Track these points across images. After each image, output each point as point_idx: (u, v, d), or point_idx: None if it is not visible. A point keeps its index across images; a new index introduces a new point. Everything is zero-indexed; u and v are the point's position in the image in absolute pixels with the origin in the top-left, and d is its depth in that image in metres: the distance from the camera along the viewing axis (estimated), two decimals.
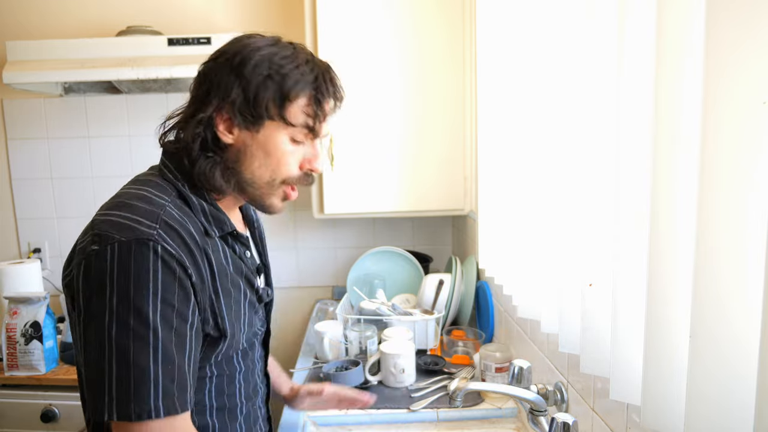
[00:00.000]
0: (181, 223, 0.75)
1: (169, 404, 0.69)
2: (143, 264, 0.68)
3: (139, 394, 0.67)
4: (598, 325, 0.81)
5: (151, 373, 0.68)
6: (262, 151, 0.81)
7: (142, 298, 0.68)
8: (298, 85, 0.79)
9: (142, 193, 0.76)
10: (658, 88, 0.61)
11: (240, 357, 0.90)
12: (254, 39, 0.81)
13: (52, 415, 1.67)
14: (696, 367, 0.56)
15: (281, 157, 0.82)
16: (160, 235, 0.70)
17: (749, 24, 0.47)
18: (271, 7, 2.12)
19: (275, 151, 0.81)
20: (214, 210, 0.82)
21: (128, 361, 0.67)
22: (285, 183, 0.84)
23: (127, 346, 0.67)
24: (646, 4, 0.65)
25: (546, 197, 1.01)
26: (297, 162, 0.84)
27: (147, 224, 0.71)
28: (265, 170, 0.82)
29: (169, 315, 0.70)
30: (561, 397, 1.03)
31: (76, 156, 2.18)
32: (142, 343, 0.68)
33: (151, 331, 0.68)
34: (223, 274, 0.80)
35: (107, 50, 1.82)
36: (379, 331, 1.53)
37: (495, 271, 1.44)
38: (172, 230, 0.73)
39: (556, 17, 0.94)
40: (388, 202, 1.86)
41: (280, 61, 0.78)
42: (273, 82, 0.78)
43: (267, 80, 0.78)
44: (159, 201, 0.76)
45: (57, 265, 2.24)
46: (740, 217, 0.50)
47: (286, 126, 0.80)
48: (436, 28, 1.78)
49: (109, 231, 0.70)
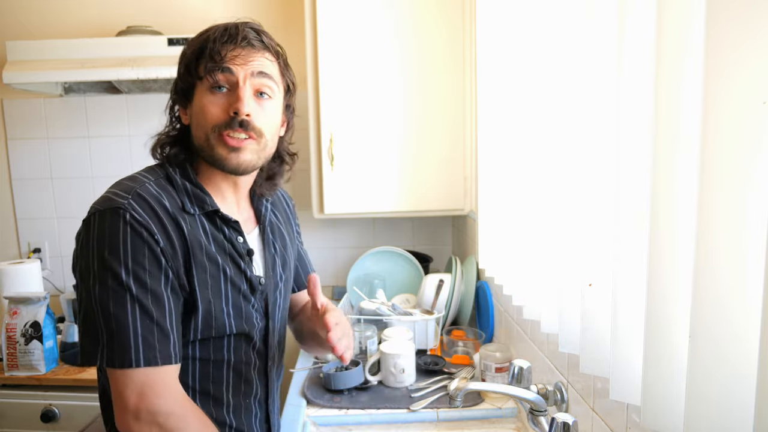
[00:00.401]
0: (154, 197, 0.83)
1: (149, 356, 0.77)
2: (114, 230, 0.78)
3: (121, 344, 0.76)
4: (598, 325, 0.81)
5: (130, 326, 0.76)
6: (195, 113, 0.90)
7: (115, 259, 0.77)
8: (197, 44, 0.89)
9: (134, 175, 0.88)
10: (658, 88, 0.61)
11: (231, 347, 0.90)
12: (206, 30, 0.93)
13: (52, 415, 1.67)
14: (696, 367, 0.56)
15: (204, 108, 0.88)
16: (130, 204, 0.80)
17: (749, 24, 0.47)
18: (271, 7, 2.12)
19: (200, 107, 0.88)
20: (197, 190, 0.90)
21: (109, 315, 0.77)
22: (217, 130, 0.87)
23: (107, 303, 0.77)
24: (646, 4, 0.65)
25: (546, 197, 1.01)
26: (222, 109, 0.87)
27: (122, 195, 0.81)
28: (199, 128, 0.89)
29: (142, 275, 0.78)
30: (561, 397, 1.03)
31: (76, 156, 2.19)
32: (119, 300, 0.77)
33: (125, 290, 0.77)
34: (197, 247, 0.86)
35: (107, 50, 1.82)
36: (379, 331, 1.53)
37: (495, 271, 1.44)
38: (143, 201, 0.81)
39: (556, 17, 0.94)
40: (388, 202, 1.86)
41: (196, 37, 0.90)
42: (185, 56, 0.90)
43: (183, 57, 0.90)
44: (141, 179, 0.86)
45: (57, 265, 2.24)
46: (740, 217, 0.50)
47: (201, 81, 0.88)
48: (436, 28, 1.78)
49: (95, 204, 0.82)
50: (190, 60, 0.88)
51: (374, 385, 1.40)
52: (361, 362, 1.40)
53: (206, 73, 0.87)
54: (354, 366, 1.39)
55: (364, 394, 1.36)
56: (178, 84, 0.92)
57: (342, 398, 1.33)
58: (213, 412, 0.89)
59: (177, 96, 0.93)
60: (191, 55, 0.89)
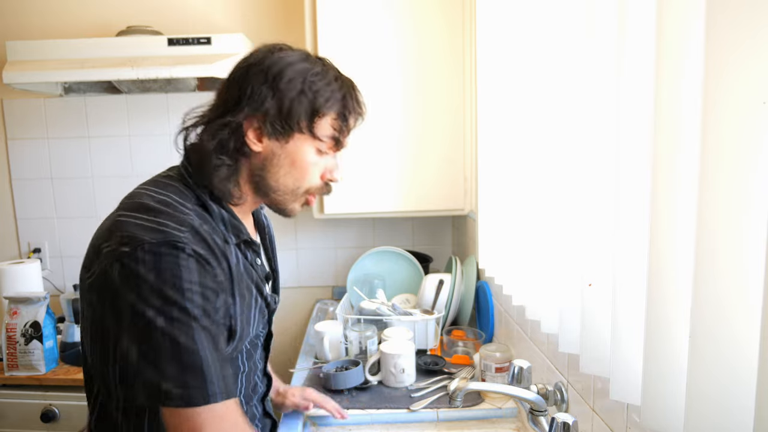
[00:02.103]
0: (205, 229, 0.78)
1: (227, 389, 0.73)
2: (177, 263, 0.71)
3: (200, 379, 0.70)
4: (598, 325, 0.81)
5: (203, 359, 0.71)
6: (289, 160, 0.85)
7: (179, 292, 0.70)
8: (329, 102, 0.84)
9: (165, 199, 0.78)
10: (659, 88, 0.61)
11: (244, 358, 0.92)
12: (287, 53, 0.84)
13: (52, 415, 1.67)
14: (696, 367, 0.56)
15: (306, 168, 0.86)
16: (188, 238, 0.74)
17: (749, 24, 0.47)
18: (271, 7, 2.12)
19: (301, 162, 0.86)
20: (231, 218, 0.85)
21: (179, 350, 0.70)
22: (307, 192, 0.90)
23: (176, 338, 0.70)
24: (646, 4, 0.65)
25: (546, 197, 1.02)
26: (320, 172, 0.89)
27: (175, 227, 0.74)
28: (290, 179, 0.86)
29: (208, 307, 0.73)
30: (561, 397, 1.03)
31: (76, 156, 2.18)
32: (190, 333, 0.70)
33: (194, 321, 0.71)
34: (238, 279, 0.83)
35: (107, 50, 1.82)
36: (379, 331, 1.53)
37: (495, 271, 1.44)
38: (198, 235, 0.76)
39: (556, 16, 0.94)
40: (388, 202, 1.86)
41: (312, 77, 0.83)
42: (306, 98, 0.82)
43: (300, 95, 0.82)
44: (182, 207, 0.78)
45: (57, 265, 2.24)
46: (740, 217, 0.51)
47: (313, 139, 0.85)
48: (436, 28, 1.79)
49: (138, 233, 0.72)
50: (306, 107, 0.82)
51: (374, 385, 1.40)
52: (361, 362, 1.40)
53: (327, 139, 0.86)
54: (354, 366, 1.39)
55: (364, 394, 1.36)
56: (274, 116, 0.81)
57: (342, 398, 1.33)
58: None
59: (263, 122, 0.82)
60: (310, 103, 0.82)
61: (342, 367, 1.42)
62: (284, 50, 0.85)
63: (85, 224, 2.20)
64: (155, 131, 2.17)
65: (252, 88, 0.81)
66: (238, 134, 0.82)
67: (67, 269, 2.24)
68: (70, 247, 2.23)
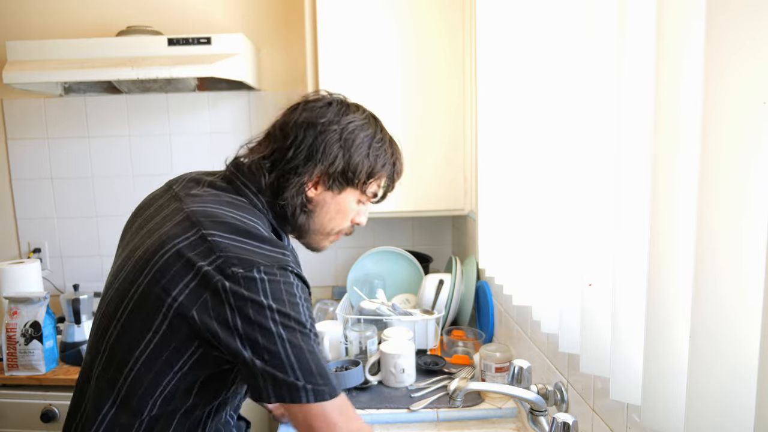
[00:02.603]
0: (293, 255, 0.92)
1: (339, 385, 0.84)
2: (291, 283, 0.81)
3: (324, 378, 0.80)
4: (598, 325, 0.81)
5: (323, 362, 0.81)
6: (336, 208, 0.97)
7: (296, 308, 0.80)
8: (384, 167, 0.98)
9: (254, 223, 0.86)
10: (659, 88, 0.61)
11: None
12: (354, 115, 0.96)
13: (52, 415, 1.67)
14: (696, 366, 0.56)
15: (346, 215, 1.00)
16: (292, 261, 0.84)
17: (749, 25, 0.47)
18: (271, 7, 2.12)
19: (345, 210, 0.98)
20: (294, 251, 0.98)
21: (304, 355, 0.79)
22: (338, 233, 1.02)
23: (301, 345, 0.79)
24: (646, 5, 0.65)
25: (546, 197, 1.02)
26: (352, 217, 1.02)
27: (280, 252, 0.83)
28: (332, 223, 0.99)
29: (311, 322, 0.83)
30: (561, 397, 1.03)
31: (76, 156, 2.18)
32: (308, 341, 0.80)
33: (308, 330, 0.81)
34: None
35: (107, 50, 1.82)
36: (379, 331, 1.53)
37: (495, 271, 1.44)
38: (295, 259, 0.89)
39: (556, 17, 0.94)
40: (387, 202, 1.85)
41: (377, 143, 0.96)
42: (369, 161, 0.95)
43: (365, 159, 0.95)
44: (269, 235, 0.87)
45: (57, 265, 2.24)
46: (740, 217, 0.51)
47: (362, 194, 0.99)
48: (436, 29, 1.78)
49: (249, 257, 0.79)
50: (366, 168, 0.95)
51: (374, 385, 1.40)
52: (361, 362, 1.40)
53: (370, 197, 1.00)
54: (354, 366, 1.39)
55: (364, 394, 1.36)
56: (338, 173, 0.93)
57: None
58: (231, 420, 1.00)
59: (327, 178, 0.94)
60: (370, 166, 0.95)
61: (342, 367, 1.42)
62: (351, 110, 0.97)
63: (85, 224, 2.20)
64: (155, 131, 2.17)
65: (325, 147, 0.92)
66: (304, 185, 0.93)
67: (67, 269, 2.24)
68: (70, 247, 2.23)
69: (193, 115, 2.16)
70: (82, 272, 2.23)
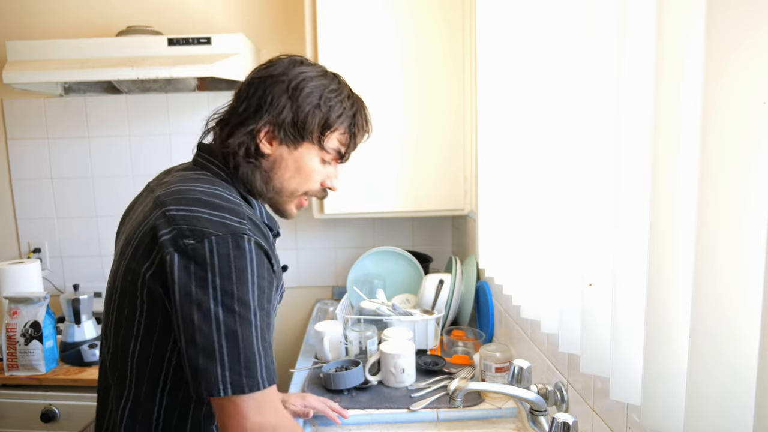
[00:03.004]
0: (259, 220, 0.85)
1: (270, 376, 0.78)
2: (242, 254, 0.76)
3: (250, 369, 0.75)
4: (598, 325, 0.81)
5: (256, 350, 0.76)
6: (295, 165, 0.93)
7: (243, 284, 0.76)
8: (340, 118, 0.92)
9: (215, 191, 0.84)
10: (659, 88, 0.61)
11: None
12: (308, 68, 0.92)
13: (52, 415, 1.67)
14: (696, 366, 0.56)
15: (309, 174, 0.94)
16: (250, 229, 0.79)
17: (749, 24, 0.47)
18: (271, 7, 2.13)
19: (306, 168, 0.93)
20: (269, 213, 0.95)
21: (237, 341, 0.75)
22: (305, 194, 0.97)
23: (235, 329, 0.75)
24: (646, 4, 0.65)
25: (546, 197, 1.02)
26: (320, 179, 0.97)
27: (237, 220, 0.79)
28: (293, 182, 0.94)
29: (262, 299, 0.79)
30: (561, 397, 1.03)
31: (76, 156, 2.19)
32: (247, 325, 0.76)
33: (252, 314, 0.77)
34: (279, 270, 0.90)
35: (107, 50, 1.82)
36: (379, 331, 1.53)
37: (495, 271, 1.44)
38: (255, 226, 0.82)
39: (556, 17, 0.94)
40: (388, 202, 1.86)
41: (329, 93, 0.91)
42: (320, 111, 0.90)
43: (316, 109, 0.90)
44: (234, 200, 0.84)
45: (57, 265, 2.24)
46: (740, 216, 0.51)
47: (321, 149, 0.93)
48: (436, 29, 1.79)
49: (202, 227, 0.77)
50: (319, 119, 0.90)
51: (374, 385, 1.40)
52: (361, 362, 1.40)
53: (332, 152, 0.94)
54: (354, 366, 1.39)
55: (364, 394, 1.36)
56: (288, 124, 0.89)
57: (342, 398, 1.33)
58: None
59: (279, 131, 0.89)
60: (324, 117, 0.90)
61: (342, 367, 1.42)
62: (305, 64, 0.92)
63: (85, 224, 2.20)
64: (155, 131, 2.17)
65: (273, 97, 0.88)
66: (254, 136, 0.89)
67: (67, 269, 2.24)
68: (70, 247, 2.23)
69: (193, 115, 2.16)
70: (82, 272, 2.23)
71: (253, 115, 0.89)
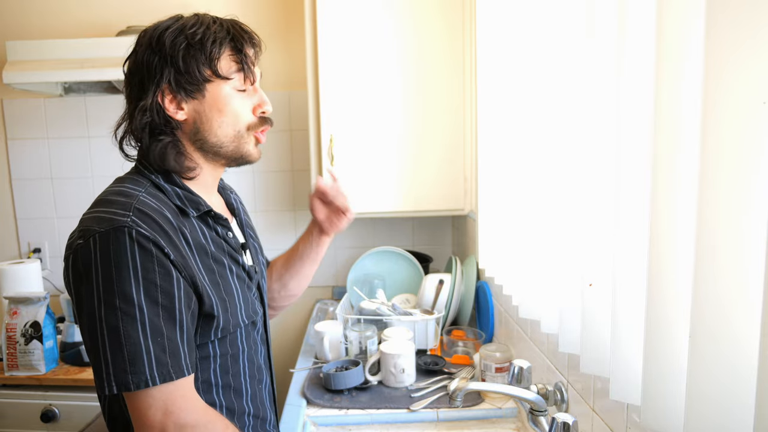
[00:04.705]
0: (154, 209, 0.81)
1: (164, 372, 0.75)
2: (120, 248, 0.75)
3: (135, 366, 0.73)
4: (598, 325, 0.81)
5: (142, 346, 0.74)
6: (215, 111, 0.87)
7: (124, 279, 0.74)
8: (216, 42, 0.86)
9: (120, 189, 0.83)
10: (659, 88, 0.61)
11: (243, 337, 0.94)
12: (158, 23, 0.90)
13: (52, 415, 1.67)
14: (696, 366, 0.56)
15: (234, 109, 0.88)
16: (133, 221, 0.76)
17: (749, 24, 0.47)
18: (271, 7, 2.12)
19: (226, 107, 0.87)
20: (188, 194, 0.89)
21: (119, 338, 0.73)
22: (249, 130, 0.91)
23: (117, 325, 0.73)
24: (646, 4, 0.65)
25: (546, 197, 1.02)
26: (249, 109, 0.91)
27: (121, 213, 0.77)
28: (226, 127, 0.88)
29: (153, 292, 0.76)
30: (561, 397, 1.03)
31: (76, 156, 2.19)
32: (130, 320, 0.74)
33: (137, 309, 0.74)
34: (202, 252, 0.86)
35: (107, 50, 1.82)
36: (379, 331, 1.53)
37: (495, 271, 1.44)
38: (145, 215, 0.78)
39: (556, 17, 0.94)
40: (388, 202, 1.86)
41: (190, 30, 0.86)
42: (194, 49, 0.85)
43: (188, 48, 0.85)
44: (133, 192, 0.82)
45: (57, 265, 2.24)
46: (740, 217, 0.51)
47: (224, 80, 0.87)
48: (436, 29, 1.78)
49: (90, 225, 0.77)
50: (199, 56, 0.85)
51: (374, 385, 1.40)
52: (361, 362, 1.40)
53: (236, 75, 0.87)
54: (354, 366, 1.39)
55: (364, 394, 1.36)
56: (176, 79, 0.85)
57: (342, 398, 1.33)
58: (235, 403, 0.93)
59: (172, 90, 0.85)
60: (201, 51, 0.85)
61: (342, 367, 1.42)
62: (160, 25, 0.89)
63: None
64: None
65: (146, 66, 0.86)
66: (158, 112, 0.85)
67: None
68: None
69: None
70: None
71: (140, 94, 0.86)
